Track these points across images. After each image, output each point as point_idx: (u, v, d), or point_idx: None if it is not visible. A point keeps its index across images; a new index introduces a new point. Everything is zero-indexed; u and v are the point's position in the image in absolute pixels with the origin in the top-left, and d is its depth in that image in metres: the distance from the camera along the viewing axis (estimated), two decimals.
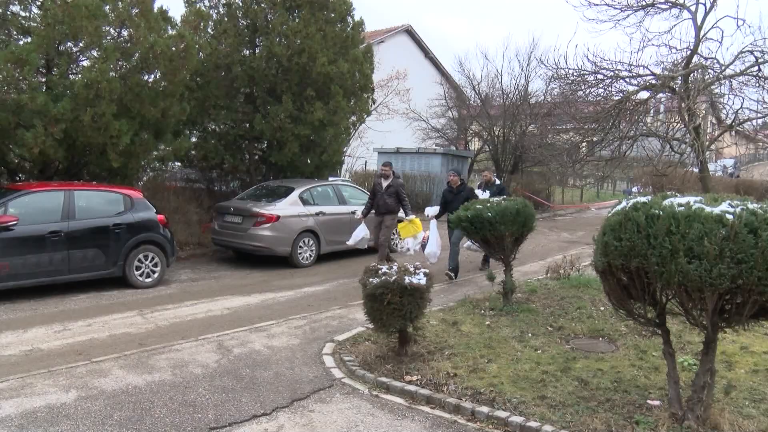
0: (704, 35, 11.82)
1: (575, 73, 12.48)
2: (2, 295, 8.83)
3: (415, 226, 11.31)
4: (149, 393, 5.45)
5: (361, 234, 11.58)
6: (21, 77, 9.95)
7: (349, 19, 15.64)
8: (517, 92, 25.50)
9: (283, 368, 6.19)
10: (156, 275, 10.22)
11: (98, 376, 5.85)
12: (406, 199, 11.44)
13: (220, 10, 15.22)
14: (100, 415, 4.94)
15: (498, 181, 12.24)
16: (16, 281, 8.81)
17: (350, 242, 11.69)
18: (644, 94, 12.40)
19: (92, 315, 8.25)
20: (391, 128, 24.87)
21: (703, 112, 14.64)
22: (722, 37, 11.91)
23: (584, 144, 15.07)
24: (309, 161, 15.57)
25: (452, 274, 10.92)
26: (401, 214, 11.61)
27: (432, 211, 11.58)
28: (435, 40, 61.26)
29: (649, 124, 13.84)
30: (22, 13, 11.43)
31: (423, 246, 11.16)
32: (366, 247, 11.92)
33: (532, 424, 4.77)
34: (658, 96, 12.94)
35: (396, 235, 12.78)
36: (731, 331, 4.74)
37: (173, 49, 11.43)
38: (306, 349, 6.82)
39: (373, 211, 11.53)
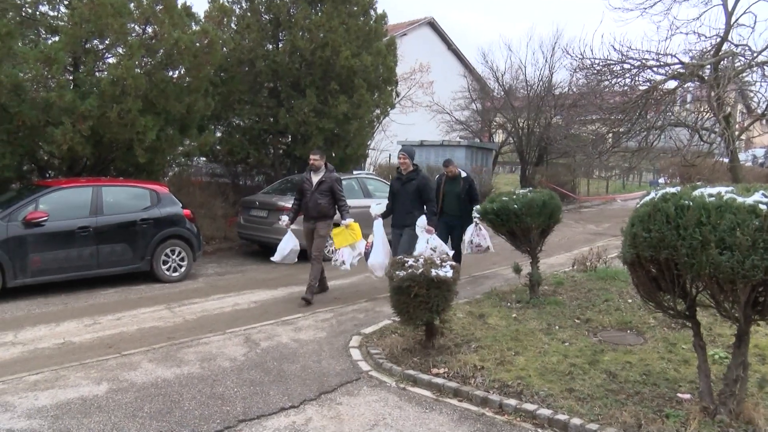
0: (735, 21, 11.61)
1: (601, 63, 12.34)
2: (35, 290, 9.00)
3: (353, 234, 8.92)
4: (178, 386, 5.51)
5: (289, 246, 9.13)
6: (50, 75, 10.11)
7: (372, 12, 15.64)
8: (541, 83, 25.29)
9: (311, 361, 6.22)
10: (183, 269, 10.32)
11: (128, 369, 5.93)
12: (343, 198, 9.05)
13: (243, 5, 15.31)
14: (131, 408, 5.01)
15: (464, 173, 10.12)
16: (47, 276, 8.97)
17: (276, 258, 9.18)
18: (672, 84, 12.22)
19: (121, 309, 8.36)
20: (415, 121, 24.80)
21: (733, 100, 14.40)
22: (755, 22, 11.66)
23: (610, 135, 14.91)
24: (333, 155, 15.61)
25: None
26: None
27: (378, 208, 9.17)
28: (457, 33, 61.08)
29: (677, 114, 13.64)
30: (51, 13, 11.62)
31: (366, 255, 8.83)
32: (296, 260, 9.42)
33: (561, 416, 4.74)
34: (686, 85, 12.74)
35: (329, 244, 10.16)
36: (765, 324, 4.66)
37: (197, 44, 11.51)
38: (333, 342, 6.85)
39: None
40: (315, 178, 8.94)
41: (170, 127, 12.12)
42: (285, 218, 9.14)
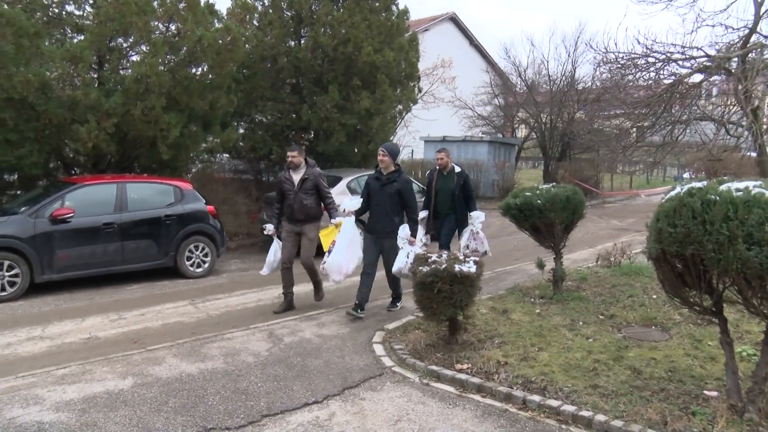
0: (765, 12, 11.41)
1: (625, 57, 12.21)
2: (61, 285, 9.12)
3: None
4: (202, 381, 5.55)
5: (278, 256, 8.25)
6: (75, 74, 10.27)
7: (394, 8, 15.64)
8: (564, 78, 25.15)
9: (334, 357, 6.24)
10: (206, 265, 10.41)
11: (153, 363, 5.99)
12: (330, 195, 8.19)
13: (265, 1, 15.41)
14: (155, 402, 5.06)
15: (458, 168, 9.11)
16: (73, 271, 9.10)
17: (265, 271, 8.38)
18: (698, 77, 12.04)
19: (146, 304, 8.45)
20: (437, 117, 24.78)
21: (761, 93, 14.16)
22: None
23: (634, 129, 14.76)
24: (356, 150, 15.65)
25: (358, 312, 7.64)
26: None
27: (351, 203, 7.96)
28: (479, 28, 60.84)
29: (702, 108, 13.44)
30: (77, 12, 11.78)
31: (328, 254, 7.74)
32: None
33: (585, 413, 4.70)
34: (712, 78, 12.56)
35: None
36: None
37: (220, 42, 11.60)
38: (356, 338, 6.86)
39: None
40: (296, 177, 7.99)
41: (193, 123, 12.23)
42: (270, 227, 8.28)
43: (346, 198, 8.10)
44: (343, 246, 7.52)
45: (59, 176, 11.93)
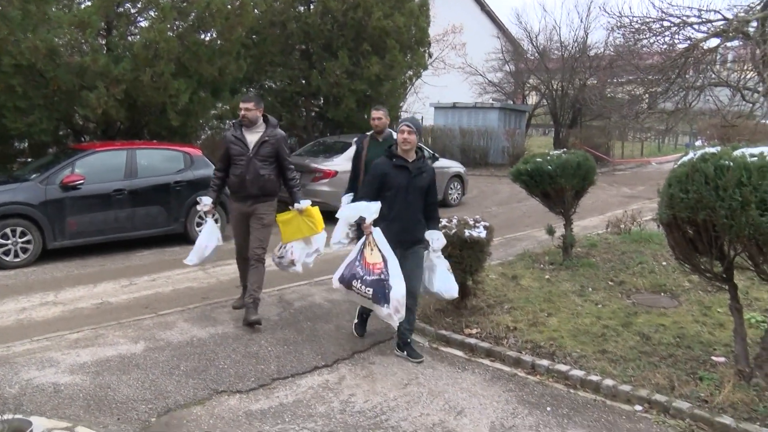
0: None
1: (639, 21, 11.99)
2: (73, 252, 9.17)
3: (310, 223, 6.19)
4: (213, 345, 5.60)
5: (212, 241, 6.47)
6: (83, 40, 10.23)
7: None
8: (576, 44, 24.85)
9: (344, 321, 6.27)
10: None
11: (164, 328, 6.05)
12: (292, 168, 6.29)
13: None
14: (167, 366, 5.12)
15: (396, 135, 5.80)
16: (84, 238, 9.13)
17: (191, 259, 6.43)
18: (714, 42, 11.82)
19: (156, 270, 8.50)
20: (447, 83, 24.54)
21: None
22: None
23: (646, 95, 14.56)
24: (366, 116, 15.55)
25: (360, 329, 5.89)
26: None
27: (372, 209, 5.09)
28: None
29: (717, 73, 13.20)
30: None
31: (374, 286, 4.92)
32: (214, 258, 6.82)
33: (593, 377, 4.73)
34: (729, 43, 12.32)
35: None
36: None
37: (229, 7, 11.52)
38: None
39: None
40: (251, 138, 6.04)
41: (203, 90, 12.19)
42: (207, 200, 6.29)
43: (354, 201, 5.70)
44: (395, 268, 4.95)
45: (69, 143, 11.94)
